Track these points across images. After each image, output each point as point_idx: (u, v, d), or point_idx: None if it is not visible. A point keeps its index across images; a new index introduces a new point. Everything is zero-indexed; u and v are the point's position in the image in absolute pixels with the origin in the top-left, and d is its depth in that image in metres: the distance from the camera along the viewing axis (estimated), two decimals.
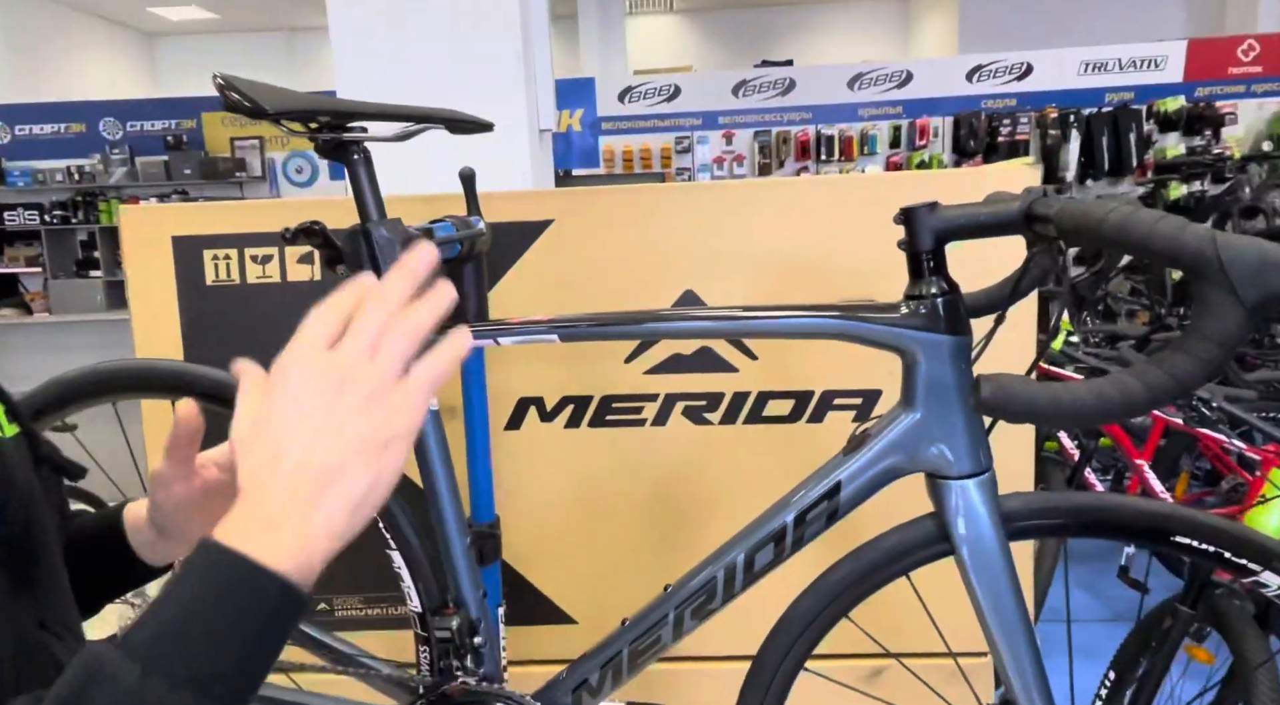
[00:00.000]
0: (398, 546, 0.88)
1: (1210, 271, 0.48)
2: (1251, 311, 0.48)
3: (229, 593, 0.39)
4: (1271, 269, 0.47)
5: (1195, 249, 0.49)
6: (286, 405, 0.42)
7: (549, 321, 0.78)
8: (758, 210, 1.25)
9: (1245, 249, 0.48)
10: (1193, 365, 0.49)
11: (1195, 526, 0.68)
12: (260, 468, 0.42)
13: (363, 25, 1.62)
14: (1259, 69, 5.28)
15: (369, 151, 0.81)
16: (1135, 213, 0.52)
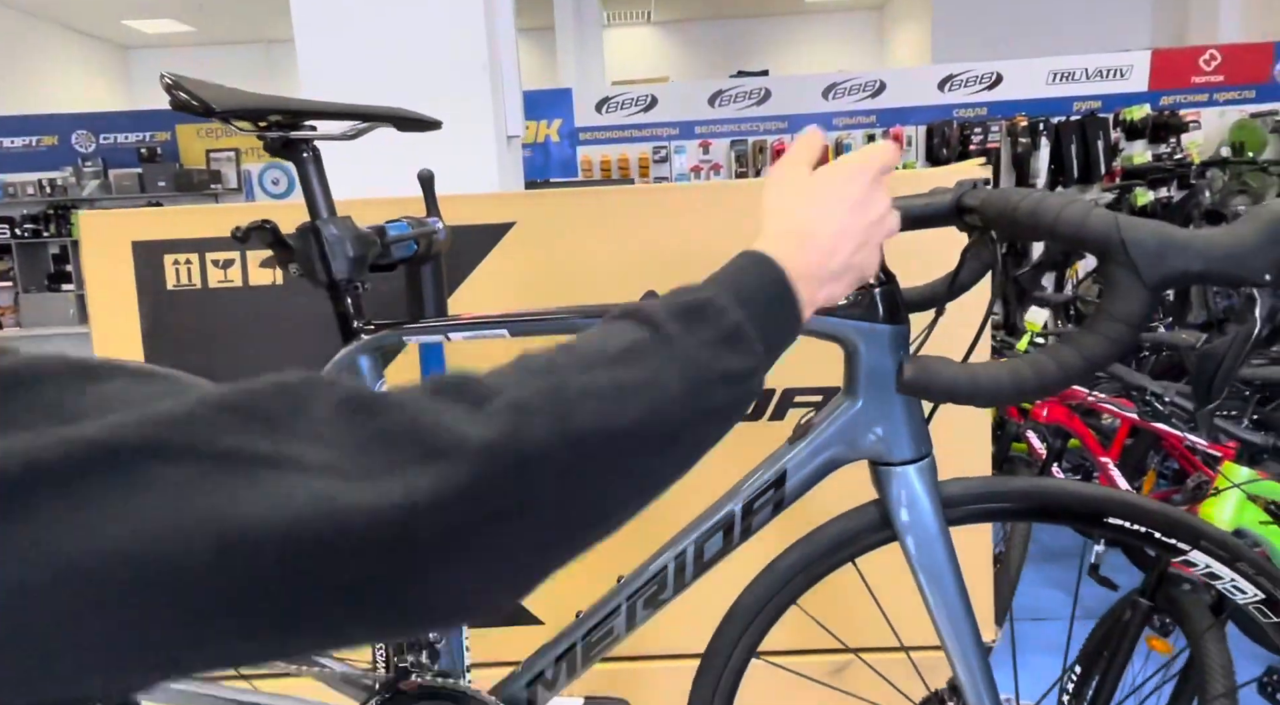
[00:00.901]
0: None
1: (1114, 253, 0.50)
2: (1153, 290, 0.50)
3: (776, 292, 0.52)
4: (1170, 249, 0.49)
5: (1100, 232, 0.50)
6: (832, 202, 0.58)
7: (499, 317, 0.79)
8: (718, 211, 1.27)
9: (1146, 231, 0.50)
10: (1101, 344, 0.51)
11: (1127, 508, 0.70)
12: (800, 238, 0.56)
13: (328, 36, 1.63)
14: (1220, 78, 5.41)
15: (318, 150, 0.82)
16: (1045, 199, 0.54)
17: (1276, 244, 0.48)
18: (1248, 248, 0.48)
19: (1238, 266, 0.49)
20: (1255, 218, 0.49)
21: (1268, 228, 0.48)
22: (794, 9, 9.63)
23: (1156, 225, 0.50)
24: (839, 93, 5.86)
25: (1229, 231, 0.49)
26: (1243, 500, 1.41)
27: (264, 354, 1.27)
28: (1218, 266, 0.49)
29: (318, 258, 0.78)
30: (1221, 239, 0.49)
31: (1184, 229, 0.51)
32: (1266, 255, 0.48)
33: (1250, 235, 0.49)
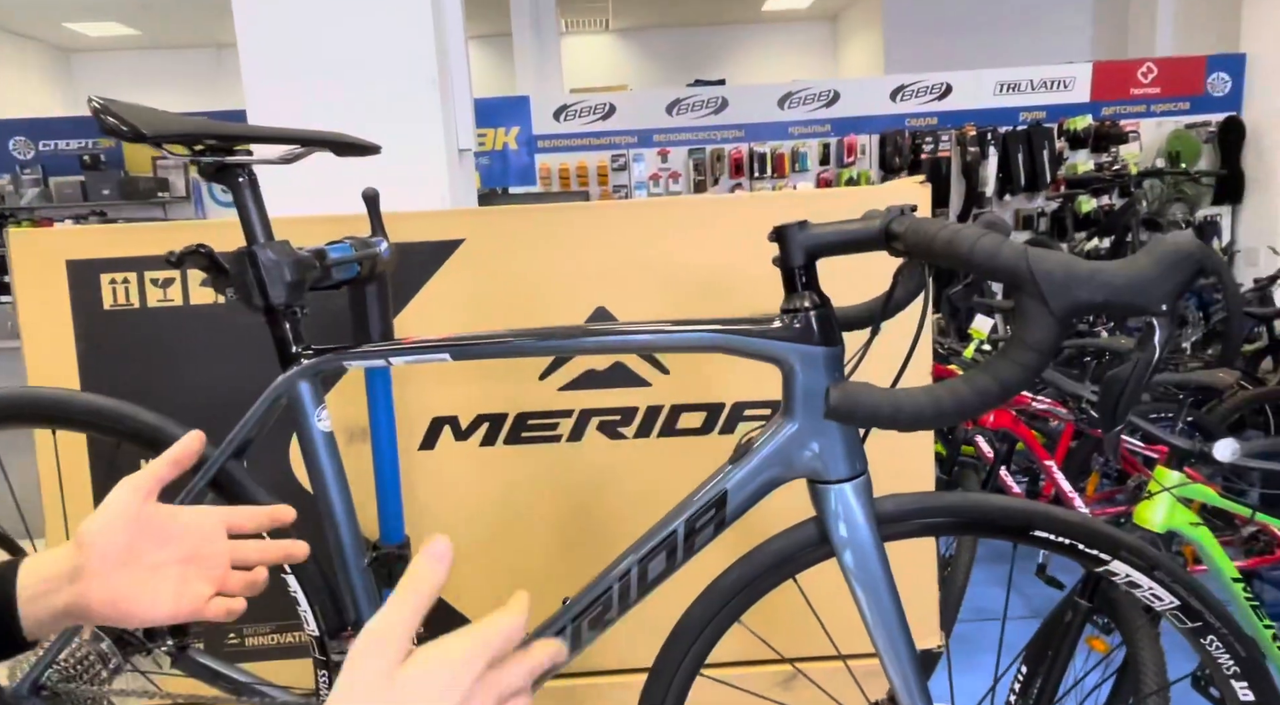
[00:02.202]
0: (293, 570, 0.87)
1: (1025, 285, 0.52)
2: (1061, 320, 0.52)
3: None
4: (1076, 281, 0.51)
5: (1011, 265, 0.53)
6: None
7: (441, 341, 0.79)
8: (667, 228, 1.29)
9: (1053, 264, 0.52)
10: (1014, 370, 0.54)
11: (1051, 521, 0.73)
12: None
13: (272, 47, 1.61)
14: (1157, 90, 5.62)
15: (255, 173, 0.81)
16: (960, 231, 0.56)
17: (1171, 276, 0.51)
18: (1146, 280, 0.51)
19: (1137, 297, 0.51)
20: (1152, 251, 0.51)
21: (1163, 261, 0.51)
22: (750, 18, 9.74)
23: (1063, 258, 0.53)
24: (795, 102, 5.95)
25: (1129, 264, 0.52)
26: (1173, 503, 1.47)
27: (205, 376, 1.25)
28: (1119, 297, 0.51)
29: (254, 283, 0.78)
30: (1122, 271, 0.51)
31: (1088, 262, 0.53)
32: (1162, 287, 0.51)
33: (1148, 268, 0.51)
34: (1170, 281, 0.51)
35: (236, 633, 1.31)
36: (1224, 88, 5.55)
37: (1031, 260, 0.52)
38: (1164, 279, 0.51)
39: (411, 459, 1.29)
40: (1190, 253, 0.51)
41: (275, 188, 1.63)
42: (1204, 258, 0.52)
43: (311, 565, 0.87)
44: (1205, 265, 0.50)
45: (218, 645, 1.29)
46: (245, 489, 0.85)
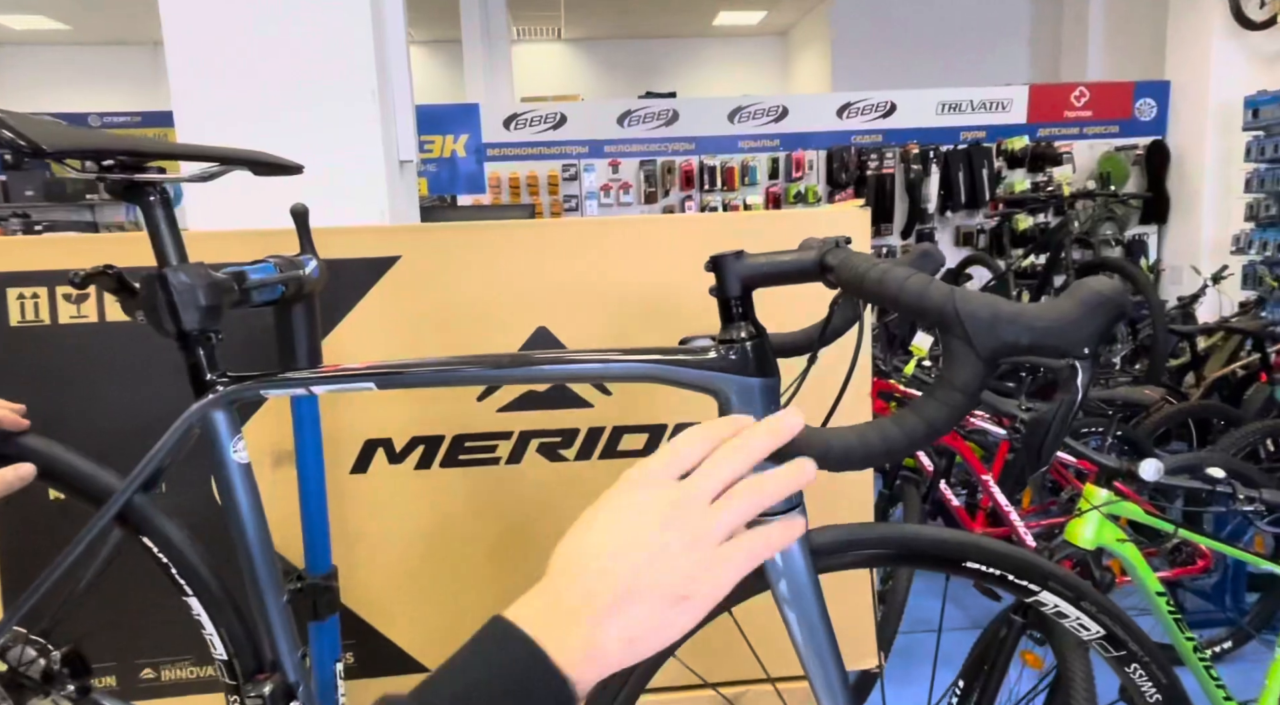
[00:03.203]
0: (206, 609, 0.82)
1: (951, 326, 0.52)
2: (987, 362, 0.52)
3: (520, 674, 0.39)
4: (1001, 323, 0.51)
5: (937, 306, 0.53)
6: (618, 512, 0.44)
7: (366, 369, 0.76)
8: (609, 248, 1.27)
9: (979, 304, 0.52)
10: (941, 411, 0.54)
11: (982, 552, 0.73)
12: (567, 563, 0.43)
13: (202, 52, 1.55)
14: (1089, 113, 5.85)
15: (167, 192, 0.76)
16: (890, 270, 0.56)
17: (1093, 320, 0.51)
18: (1068, 323, 0.51)
19: (1060, 340, 0.51)
20: (1075, 294, 0.52)
21: (1085, 305, 0.51)
22: (702, 32, 9.84)
23: (989, 299, 0.53)
24: (744, 116, 6.02)
25: (1053, 307, 0.52)
26: (1102, 521, 1.51)
27: (121, 398, 1.18)
28: (1043, 340, 0.51)
29: (165, 308, 0.73)
30: (1046, 314, 0.51)
31: (1014, 303, 0.53)
32: (1084, 330, 0.51)
33: (1071, 311, 0.51)
34: (1092, 325, 0.51)
35: (152, 667, 1.24)
36: (1150, 113, 5.81)
37: (958, 302, 0.53)
38: (1086, 322, 0.51)
39: (342, 483, 1.24)
40: (1111, 297, 0.51)
41: (200, 202, 1.58)
42: (1124, 303, 0.52)
43: (226, 603, 0.82)
44: (1125, 310, 0.51)
45: (130, 681, 1.23)
46: (155, 525, 0.80)
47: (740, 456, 0.46)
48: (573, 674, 0.40)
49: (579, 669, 0.40)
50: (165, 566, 0.82)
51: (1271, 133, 4.62)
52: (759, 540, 0.45)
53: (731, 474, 0.45)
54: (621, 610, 0.41)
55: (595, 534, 0.44)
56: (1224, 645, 2.33)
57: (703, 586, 0.42)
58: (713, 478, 0.45)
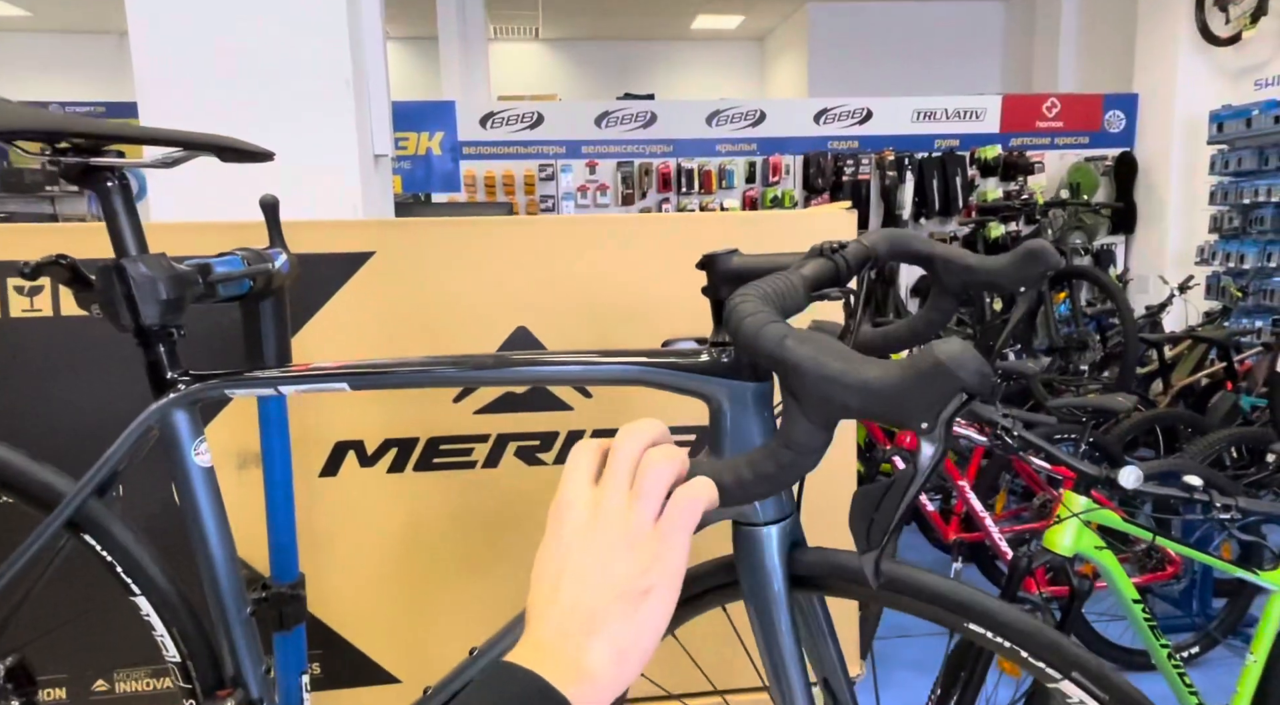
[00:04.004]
0: (164, 621, 0.77)
1: (782, 377, 0.47)
2: (818, 424, 0.47)
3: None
4: (829, 383, 0.45)
5: (767, 352, 0.48)
6: (562, 541, 0.44)
7: (339, 368, 0.72)
8: (591, 247, 1.24)
9: (807, 358, 0.46)
10: (768, 465, 0.49)
11: (992, 619, 0.67)
12: (541, 599, 0.44)
13: (168, 37, 1.48)
14: (1060, 124, 5.94)
15: (126, 177, 0.72)
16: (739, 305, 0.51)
17: (928, 390, 0.43)
18: (900, 391, 0.44)
19: (894, 410, 0.44)
20: (913, 363, 0.44)
21: (919, 373, 0.43)
22: (680, 35, 9.84)
23: (820, 352, 0.46)
24: (722, 120, 6.01)
25: (886, 370, 0.45)
26: (1081, 528, 1.51)
27: (76, 396, 1.12)
28: (876, 406, 0.45)
29: (122, 301, 0.69)
30: (878, 377, 0.44)
31: (846, 359, 0.46)
32: (918, 400, 0.44)
33: (906, 380, 0.44)
34: (926, 396, 0.43)
35: (106, 679, 1.18)
36: (1119, 124, 5.91)
37: (787, 351, 0.46)
38: (920, 392, 0.43)
39: (311, 486, 1.20)
40: (949, 368, 0.43)
41: (165, 192, 1.52)
42: (971, 379, 0.43)
43: (177, 602, 0.77)
44: (971, 388, 0.44)
45: (82, 693, 1.17)
46: (108, 531, 0.75)
47: (632, 440, 0.47)
48: (575, 697, 0.41)
49: (578, 691, 0.41)
50: (110, 565, 0.77)
51: (1235, 147, 4.73)
52: (688, 503, 0.45)
53: (630, 462, 0.46)
54: (598, 629, 0.42)
55: (548, 576, 0.44)
56: (1191, 650, 2.36)
57: (658, 574, 0.43)
58: (614, 472, 0.45)
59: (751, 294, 0.54)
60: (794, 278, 0.62)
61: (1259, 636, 1.56)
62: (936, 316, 0.74)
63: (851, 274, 0.67)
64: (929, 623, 0.72)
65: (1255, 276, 4.59)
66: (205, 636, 0.77)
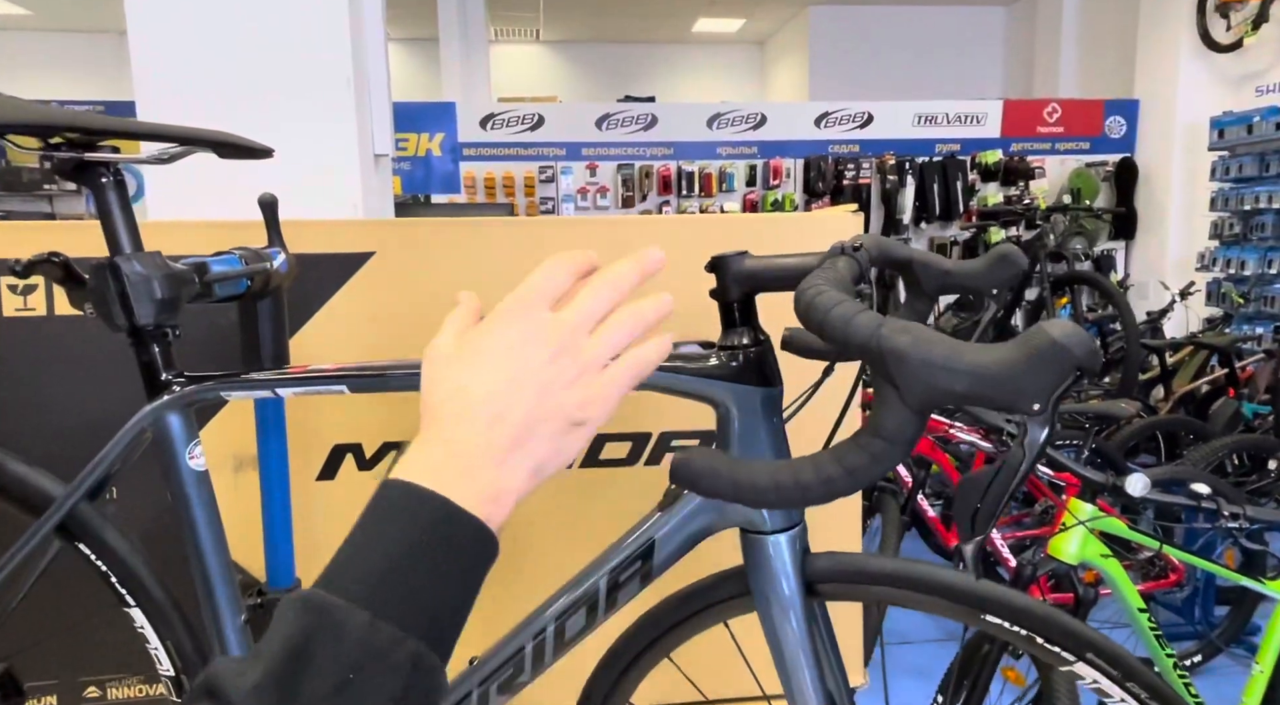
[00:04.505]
0: (154, 628, 0.75)
1: (877, 364, 0.46)
2: (916, 410, 0.46)
3: (436, 536, 0.38)
4: (931, 367, 0.44)
5: (861, 341, 0.46)
6: (496, 351, 0.42)
7: (338, 370, 0.70)
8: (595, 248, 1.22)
9: (909, 344, 0.45)
10: (862, 460, 0.48)
11: (1008, 607, 0.67)
12: (456, 408, 0.41)
13: (166, 32, 1.47)
14: (1061, 129, 5.93)
15: (121, 173, 0.70)
16: (820, 294, 0.50)
17: (1045, 372, 0.43)
18: (1016, 373, 0.43)
19: (1004, 392, 0.43)
20: (1026, 343, 0.43)
21: (1037, 354, 0.43)
22: (681, 38, 9.84)
23: (923, 337, 0.45)
24: (722, 123, 6.01)
25: (999, 352, 0.44)
26: (1086, 536, 1.49)
27: (69, 397, 1.11)
28: (983, 389, 0.44)
29: (116, 300, 0.67)
30: (990, 360, 0.44)
31: (951, 344, 0.45)
32: (1034, 383, 0.43)
33: (1020, 361, 0.43)
34: (1043, 379, 0.43)
35: (98, 685, 1.16)
36: (1120, 130, 5.91)
37: (884, 338, 0.45)
38: (1036, 375, 0.43)
39: (309, 490, 1.18)
40: (1069, 348, 0.43)
41: (162, 190, 1.50)
42: (1085, 356, 0.43)
43: (173, 614, 0.75)
44: (1085, 366, 0.43)
45: (73, 700, 1.14)
46: (100, 536, 0.73)
47: (610, 288, 0.45)
48: (486, 517, 0.39)
49: (491, 510, 0.40)
50: (104, 575, 0.75)
51: (1236, 153, 4.72)
52: (641, 359, 0.45)
53: (606, 305, 0.45)
54: (522, 446, 0.41)
55: (483, 373, 0.42)
56: (1194, 659, 2.34)
57: (594, 410, 0.43)
58: (587, 309, 0.44)
59: (823, 285, 0.53)
60: (841, 272, 0.60)
61: (1265, 646, 1.55)
62: (913, 317, 0.73)
63: (865, 275, 0.65)
64: (931, 629, 0.72)
65: (1256, 283, 4.59)
66: (200, 650, 0.75)
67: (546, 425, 0.41)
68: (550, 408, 0.41)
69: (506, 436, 0.40)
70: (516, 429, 0.40)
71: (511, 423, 0.40)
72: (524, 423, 0.41)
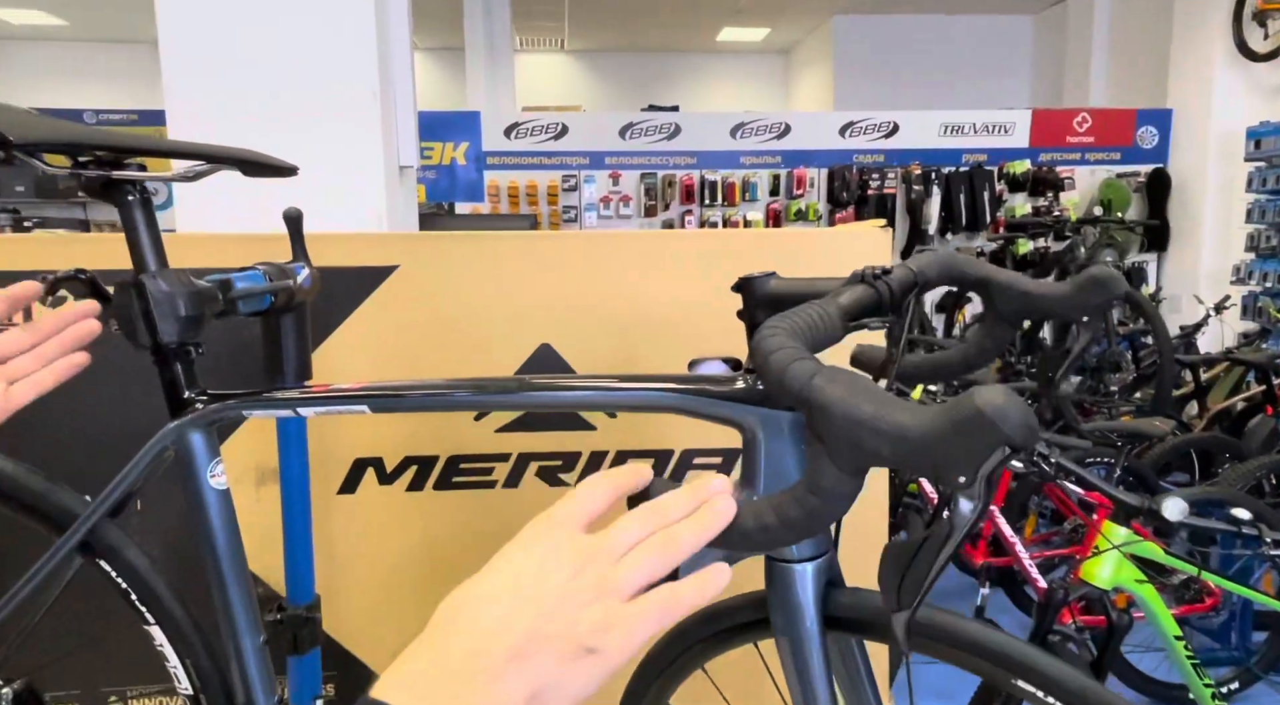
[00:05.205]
0: (174, 647, 0.75)
1: (810, 418, 0.43)
2: (846, 470, 0.43)
3: None
4: (859, 427, 0.41)
5: (794, 391, 0.44)
6: (514, 563, 0.40)
7: (360, 390, 0.70)
8: (619, 263, 1.21)
9: (837, 400, 0.41)
10: (796, 511, 0.45)
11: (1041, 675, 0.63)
12: (455, 616, 0.38)
13: (196, 45, 1.48)
14: (1091, 139, 5.84)
15: (148, 191, 0.70)
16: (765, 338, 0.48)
17: (969, 444, 0.38)
18: (938, 442, 0.39)
19: (927, 462, 0.40)
20: (953, 409, 0.39)
21: (962, 424, 0.38)
22: (705, 47, 9.86)
23: (851, 392, 0.42)
24: (747, 132, 5.99)
25: (924, 419, 0.40)
26: (1120, 560, 1.45)
27: (98, 406, 1.11)
28: (909, 456, 0.40)
29: (140, 318, 0.67)
30: (913, 426, 0.40)
31: (878, 400, 0.41)
32: (959, 454, 0.39)
33: (944, 429, 0.39)
34: (966, 448, 0.38)
35: (119, 696, 1.17)
36: (1152, 140, 5.81)
37: (813, 388, 0.43)
38: (959, 443, 0.38)
39: (330, 503, 1.17)
40: (995, 424, 0.38)
41: (190, 203, 1.51)
42: (1015, 432, 0.38)
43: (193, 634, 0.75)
44: (1016, 443, 0.39)
45: None
46: (121, 554, 0.73)
47: (656, 516, 0.42)
48: None
49: None
50: (124, 592, 0.75)
51: (1273, 164, 4.62)
52: (673, 596, 0.40)
53: (641, 534, 0.41)
54: (522, 662, 0.36)
55: (491, 581, 0.39)
56: (1231, 686, 2.27)
57: (612, 640, 0.38)
58: (622, 535, 0.41)
59: (779, 327, 0.50)
60: (829, 307, 0.58)
61: None
62: (990, 344, 0.69)
63: (895, 301, 0.63)
64: None
65: None
66: (220, 669, 0.74)
67: (553, 644, 0.37)
68: (560, 625, 0.37)
69: (505, 648, 0.36)
70: (518, 640, 0.36)
71: (514, 632, 0.37)
72: (527, 635, 0.37)
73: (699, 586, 0.41)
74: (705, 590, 0.41)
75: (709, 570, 0.42)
